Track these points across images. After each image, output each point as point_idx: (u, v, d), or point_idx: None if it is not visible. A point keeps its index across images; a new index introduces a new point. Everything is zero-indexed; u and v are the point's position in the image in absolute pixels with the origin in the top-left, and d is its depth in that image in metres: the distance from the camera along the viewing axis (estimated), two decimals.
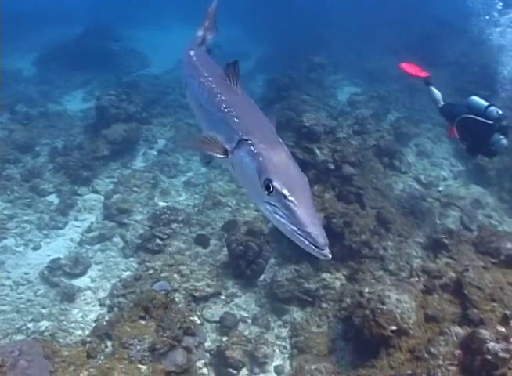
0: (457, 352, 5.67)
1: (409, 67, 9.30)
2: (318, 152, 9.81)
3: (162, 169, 12.03)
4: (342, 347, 7.01)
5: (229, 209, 10.43)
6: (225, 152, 2.92)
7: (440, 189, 11.76)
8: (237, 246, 8.22)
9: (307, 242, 2.34)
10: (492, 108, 7.85)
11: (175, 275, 8.37)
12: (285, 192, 2.39)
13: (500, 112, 7.75)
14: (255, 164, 2.58)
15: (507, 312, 6.04)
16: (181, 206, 10.56)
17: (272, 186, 2.41)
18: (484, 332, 5.55)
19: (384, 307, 6.26)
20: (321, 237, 2.33)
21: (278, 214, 2.43)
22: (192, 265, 8.66)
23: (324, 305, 7.86)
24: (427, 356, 5.75)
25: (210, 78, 3.60)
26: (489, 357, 5.27)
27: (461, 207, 10.82)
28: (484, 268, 7.35)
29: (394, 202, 10.26)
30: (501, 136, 7.60)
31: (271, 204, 2.45)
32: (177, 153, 12.75)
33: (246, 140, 2.73)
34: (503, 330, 5.72)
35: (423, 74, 9.20)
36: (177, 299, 7.58)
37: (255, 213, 10.06)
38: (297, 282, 7.97)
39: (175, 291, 7.97)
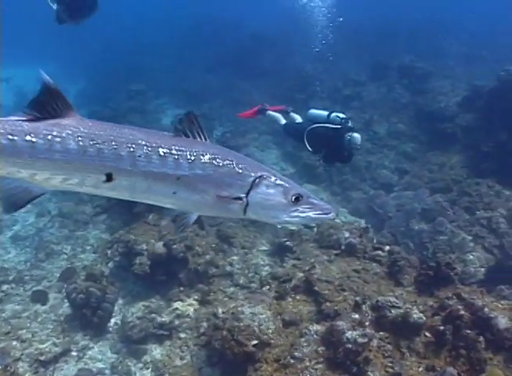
0: (320, 349, 5.70)
1: (246, 114, 9.67)
2: None
3: None
4: (209, 374, 6.71)
5: (65, 256, 9.77)
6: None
7: None
8: (77, 295, 7.63)
9: (325, 215, 3.13)
10: (334, 115, 8.04)
11: (15, 342, 7.54)
12: (307, 194, 3.12)
13: (342, 116, 7.96)
14: (280, 190, 3.07)
15: (357, 298, 6.21)
16: (10, 264, 9.65)
17: (301, 196, 3.05)
18: (341, 323, 5.67)
19: (241, 324, 6.11)
20: (330, 207, 3.19)
21: (305, 211, 3.09)
22: (32, 326, 7.90)
23: (182, 335, 7.53)
24: (293, 361, 5.68)
25: (164, 143, 2.95)
26: (350, 346, 5.38)
27: None
28: (329, 261, 7.57)
29: None
30: (350, 133, 7.75)
31: (298, 210, 3.08)
32: None
33: (261, 176, 3.05)
34: (357, 316, 5.88)
35: (255, 109, 9.45)
36: (21, 370, 6.90)
37: (93, 255, 9.48)
38: (149, 318, 7.59)
39: (17, 360, 7.17)
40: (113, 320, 7.97)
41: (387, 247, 7.75)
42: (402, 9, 27.41)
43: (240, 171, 3.05)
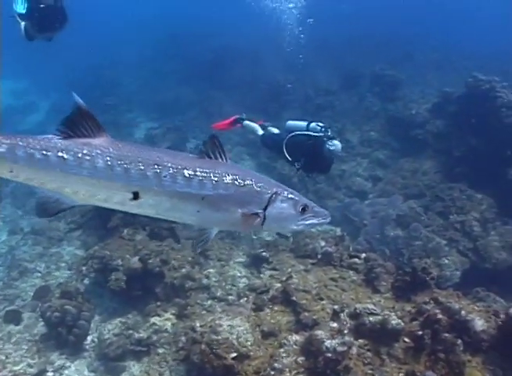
0: (300, 359, 5.65)
1: (220, 124, 9.42)
2: None
3: None
4: None
5: (39, 274, 9.59)
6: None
7: None
8: (52, 313, 7.49)
9: (324, 220, 3.56)
10: (314, 124, 7.99)
11: None
12: (311, 203, 3.52)
13: (322, 124, 7.93)
14: (291, 203, 3.42)
15: (335, 306, 6.19)
16: None
17: (307, 207, 3.45)
18: (320, 332, 5.64)
19: (219, 337, 6.04)
20: (327, 212, 3.61)
21: (311, 219, 3.50)
22: (6, 348, 7.73)
23: (160, 350, 7.43)
24: (273, 372, 5.62)
25: (189, 165, 3.20)
26: (330, 355, 5.34)
27: None
28: (305, 271, 7.54)
29: None
30: (330, 141, 7.71)
31: (306, 219, 3.49)
32: None
33: (276, 192, 3.38)
34: (335, 325, 5.86)
35: (230, 120, 9.29)
36: None
37: (68, 272, 9.32)
38: (126, 334, 7.48)
39: None
40: (89, 338, 7.83)
41: (364, 255, 7.76)
42: (373, 18, 27.72)
43: (259, 189, 3.36)
